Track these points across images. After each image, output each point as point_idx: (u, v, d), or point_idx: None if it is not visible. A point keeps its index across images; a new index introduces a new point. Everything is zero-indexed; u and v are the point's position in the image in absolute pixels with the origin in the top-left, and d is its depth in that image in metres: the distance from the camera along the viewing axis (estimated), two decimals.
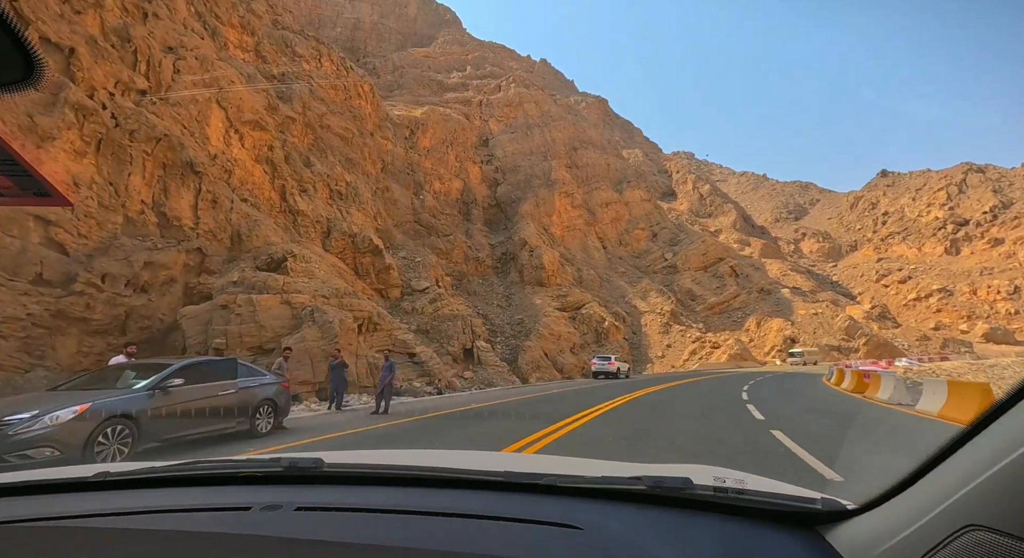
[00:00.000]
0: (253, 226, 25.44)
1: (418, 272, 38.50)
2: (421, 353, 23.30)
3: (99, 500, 1.26)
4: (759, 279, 64.13)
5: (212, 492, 1.30)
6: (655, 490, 1.12)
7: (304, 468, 1.32)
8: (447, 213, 57.23)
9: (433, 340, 31.02)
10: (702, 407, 12.63)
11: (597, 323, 47.77)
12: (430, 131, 58.96)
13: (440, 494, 1.22)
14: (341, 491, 1.26)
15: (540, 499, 1.17)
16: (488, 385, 27.91)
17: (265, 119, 30.67)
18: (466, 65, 74.09)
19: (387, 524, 1.06)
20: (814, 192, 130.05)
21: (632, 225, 68.75)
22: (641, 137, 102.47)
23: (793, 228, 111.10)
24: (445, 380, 24.04)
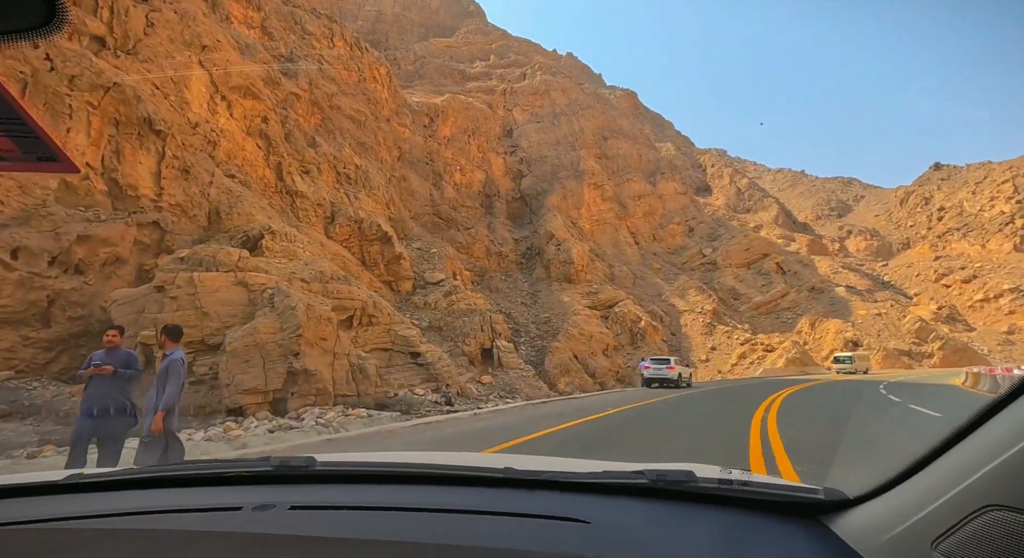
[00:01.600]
0: (235, 202, 21.41)
1: (433, 264, 34.13)
2: (427, 353, 18.76)
3: (76, 503, 1.19)
4: (809, 277, 57.66)
5: (199, 493, 1.23)
6: (657, 483, 1.09)
7: (295, 467, 1.25)
8: (468, 206, 52.95)
9: (447, 338, 26.50)
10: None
11: (632, 323, 42.53)
12: (451, 119, 54.89)
13: (438, 491, 1.16)
14: (335, 489, 1.20)
15: (542, 495, 1.12)
16: (510, 392, 23.16)
17: (258, 87, 26.79)
18: (489, 54, 69.99)
19: (387, 520, 1.01)
20: (858, 188, 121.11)
21: (667, 219, 63.15)
22: (672, 131, 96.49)
23: (837, 226, 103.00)
24: (457, 386, 19.42)
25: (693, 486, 1.08)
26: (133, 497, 1.22)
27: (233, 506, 1.05)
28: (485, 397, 21.63)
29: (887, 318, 49.74)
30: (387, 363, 17.74)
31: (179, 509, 1.08)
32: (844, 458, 5.80)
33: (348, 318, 17.21)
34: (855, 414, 10.61)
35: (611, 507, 1.06)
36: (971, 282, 77.02)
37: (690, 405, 12.75)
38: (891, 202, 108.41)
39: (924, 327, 47.74)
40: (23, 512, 1.11)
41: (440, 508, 1.04)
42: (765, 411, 10.64)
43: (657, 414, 10.66)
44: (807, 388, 19.14)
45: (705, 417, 10.53)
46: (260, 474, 1.27)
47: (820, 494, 1.02)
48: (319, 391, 11.96)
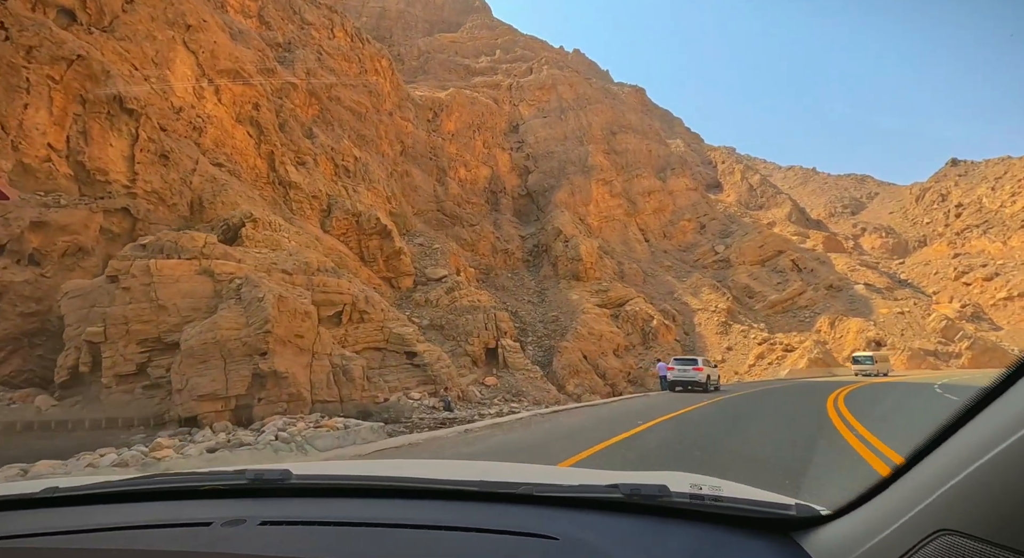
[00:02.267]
0: (220, 191, 19.75)
1: (435, 260, 32.37)
2: (425, 353, 16.96)
3: (49, 518, 1.15)
4: (826, 274, 55.30)
5: (171, 507, 1.20)
6: (632, 498, 1.08)
7: (270, 480, 1.22)
8: (473, 202, 51.21)
9: (448, 337, 24.71)
10: None
11: (644, 322, 40.52)
12: (455, 114, 53.18)
13: (413, 505, 1.15)
14: (309, 504, 1.18)
15: (516, 508, 1.11)
16: (515, 395, 21.31)
17: (249, 72, 25.17)
18: (495, 49, 68.27)
19: (357, 538, 0.99)
20: (871, 185, 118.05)
21: (677, 216, 61.03)
22: (682, 127, 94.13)
23: (850, 223, 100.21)
24: (458, 389, 17.60)
25: (666, 501, 1.06)
26: (106, 512, 1.19)
27: (203, 521, 1.03)
28: (489, 400, 19.80)
29: (910, 317, 47.34)
30: (380, 364, 15.97)
31: (150, 525, 1.05)
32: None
33: (336, 314, 15.46)
34: None
35: (582, 523, 1.04)
36: (993, 280, 74.09)
37: (736, 418, 10.19)
38: (906, 199, 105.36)
39: (951, 326, 45.29)
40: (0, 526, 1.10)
41: (412, 524, 1.02)
42: (844, 424, 8.47)
43: (704, 433, 7.97)
44: (855, 390, 16.91)
45: (772, 440, 7.45)
46: (234, 488, 1.24)
47: (792, 510, 1.00)
48: (293, 397, 10.20)
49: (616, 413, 11.40)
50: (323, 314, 14.73)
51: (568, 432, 8.52)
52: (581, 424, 9.53)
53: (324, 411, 10.93)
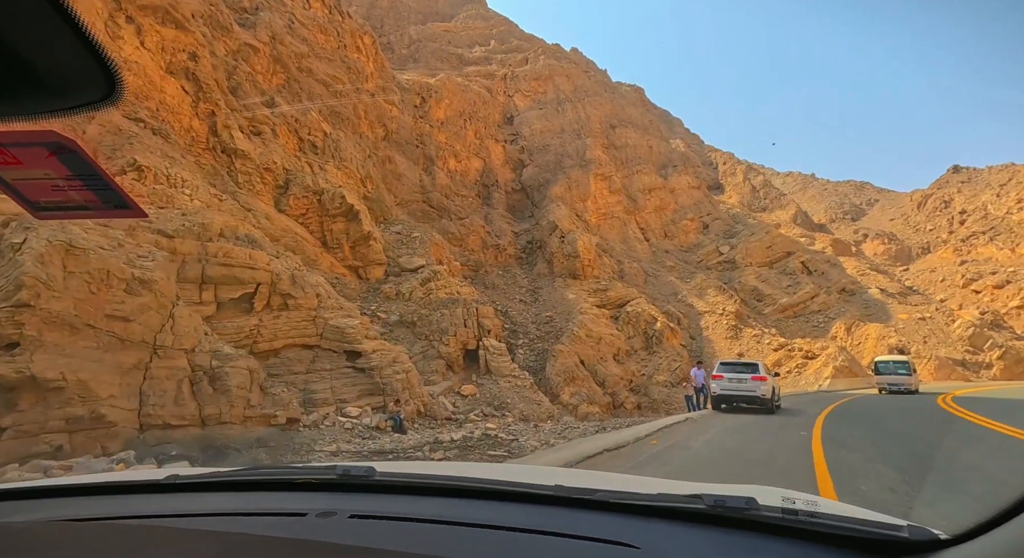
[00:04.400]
0: (122, 145, 15.16)
1: (413, 249, 27.81)
2: (374, 353, 12.37)
3: (169, 501, 1.28)
4: (838, 277, 51.07)
5: (271, 497, 1.30)
6: (715, 510, 1.00)
7: (356, 476, 1.29)
8: (463, 195, 46.75)
9: (420, 336, 20.10)
10: None
11: (647, 324, 36.01)
12: (445, 101, 48.85)
13: (490, 506, 1.16)
14: (392, 500, 1.23)
15: (592, 515, 1.08)
16: (498, 407, 16.68)
17: (183, 14, 20.66)
18: (490, 40, 64.24)
19: (438, 534, 1.01)
20: (871, 192, 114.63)
21: (679, 215, 56.78)
22: (681, 128, 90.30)
23: (852, 229, 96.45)
24: (418, 401, 12.95)
25: (754, 514, 0.98)
26: (218, 499, 1.30)
27: (299, 512, 1.09)
28: (463, 415, 15.15)
29: (933, 323, 43.10)
30: (309, 366, 11.37)
31: (255, 512, 1.14)
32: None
33: (245, 297, 10.85)
34: None
35: (664, 533, 0.99)
36: (1004, 287, 70.10)
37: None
38: (907, 206, 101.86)
39: (979, 334, 41.02)
40: (127, 508, 1.21)
41: (491, 524, 1.02)
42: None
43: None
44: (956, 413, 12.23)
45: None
46: (325, 481, 1.31)
47: (904, 531, 0.89)
48: (85, 421, 5.62)
49: (663, 458, 6.50)
50: (223, 296, 10.17)
51: None
52: None
53: (161, 442, 6.37)
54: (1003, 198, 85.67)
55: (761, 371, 13.49)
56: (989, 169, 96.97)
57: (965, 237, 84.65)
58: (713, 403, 14.02)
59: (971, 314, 50.91)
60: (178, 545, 0.93)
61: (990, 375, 37.59)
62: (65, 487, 1.39)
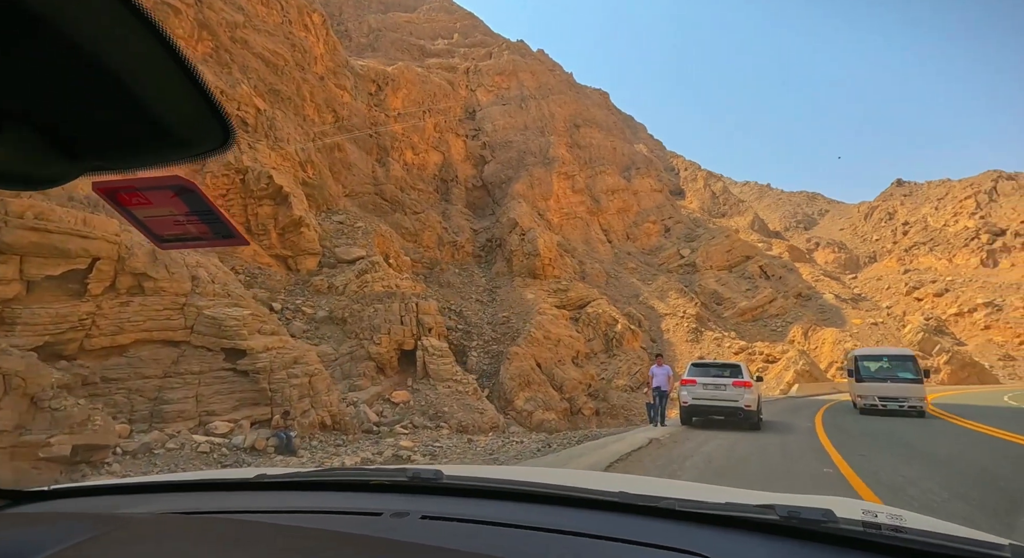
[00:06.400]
0: None
1: (354, 239, 24.96)
2: (262, 353, 9.62)
3: (260, 499, 1.35)
4: (795, 282, 51.04)
5: (348, 497, 1.35)
6: (789, 521, 0.94)
7: (426, 479, 1.33)
8: (419, 189, 44.00)
9: (351, 334, 17.35)
10: None
11: (607, 326, 34.24)
12: (403, 91, 46.06)
13: (555, 511, 1.15)
14: (460, 503, 1.25)
15: (659, 523, 1.05)
16: (433, 418, 14.15)
17: None
18: (453, 33, 61.81)
19: (506, 537, 1.02)
20: (822, 202, 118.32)
21: (642, 217, 55.75)
22: (645, 133, 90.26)
23: (804, 238, 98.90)
24: (324, 414, 10.30)
25: (832, 527, 0.90)
26: (301, 497, 1.36)
27: (375, 511, 1.15)
28: (389, 426, 12.57)
29: (885, 328, 43.30)
30: (168, 368, 8.61)
31: (335, 511, 1.20)
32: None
33: (73, 275, 7.96)
34: None
35: (734, 543, 0.94)
36: (944, 295, 72.76)
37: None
38: (855, 216, 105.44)
39: (928, 339, 41.35)
40: (224, 503, 1.30)
41: (557, 529, 1.01)
42: None
43: None
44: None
45: None
46: (397, 483, 1.36)
47: (1006, 551, 0.81)
48: None
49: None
50: (35, 272, 7.33)
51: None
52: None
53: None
54: (940, 211, 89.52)
55: (745, 375, 10.82)
56: (928, 184, 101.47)
57: (908, 247, 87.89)
58: (683, 415, 11.27)
59: (917, 320, 51.87)
60: (272, 539, 0.98)
61: (938, 379, 37.72)
62: (174, 483, 1.46)
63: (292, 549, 0.92)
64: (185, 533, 1.00)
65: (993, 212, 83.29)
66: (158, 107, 0.59)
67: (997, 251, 77.82)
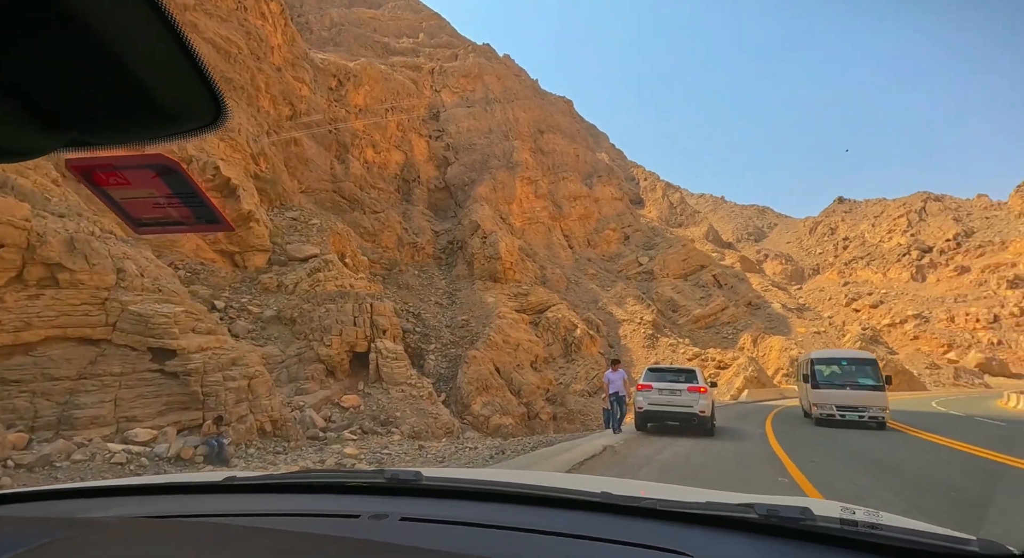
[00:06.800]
0: None
1: (307, 236, 23.95)
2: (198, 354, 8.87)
3: (230, 502, 1.31)
4: (745, 291, 53.02)
5: (324, 499, 1.31)
6: (769, 520, 0.96)
7: (405, 480, 1.30)
8: (380, 188, 42.98)
9: (299, 335, 16.49)
10: None
11: (567, 331, 34.36)
12: (365, 87, 44.96)
13: (536, 512, 1.14)
14: (440, 504, 1.22)
15: (640, 522, 1.06)
16: (384, 423, 13.58)
17: None
18: (419, 32, 61.05)
19: (487, 538, 1.02)
20: (771, 216, 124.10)
21: (603, 224, 56.59)
22: (607, 142, 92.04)
23: (755, 249, 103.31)
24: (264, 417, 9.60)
25: (810, 525, 0.93)
26: (274, 500, 1.31)
27: (352, 514, 1.12)
28: (335, 433, 11.91)
29: (827, 337, 45.53)
30: (84, 369, 7.74)
31: (310, 513, 1.16)
32: None
33: None
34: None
35: (715, 541, 0.96)
36: (878, 307, 77.63)
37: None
38: (801, 231, 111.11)
39: (865, 348, 43.71)
40: (193, 506, 1.25)
41: (538, 529, 1.01)
42: None
43: None
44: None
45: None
46: (374, 485, 1.33)
47: (974, 546, 0.85)
48: None
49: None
50: None
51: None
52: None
53: None
54: (877, 228, 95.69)
55: (700, 380, 10.78)
56: (866, 202, 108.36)
57: (847, 261, 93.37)
58: (638, 421, 11.14)
59: (855, 330, 54.92)
60: (242, 542, 0.95)
61: None
62: (141, 486, 1.42)
63: (267, 551, 0.89)
64: (153, 536, 0.95)
65: (922, 231, 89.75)
66: (147, 76, 0.55)
67: (925, 267, 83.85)
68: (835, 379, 13.59)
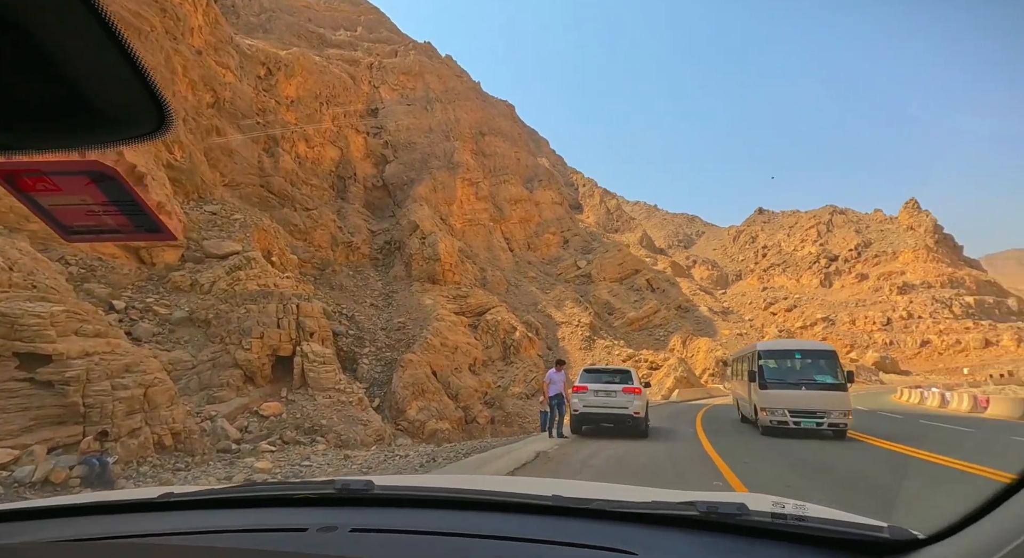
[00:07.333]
0: None
1: (228, 232, 22.14)
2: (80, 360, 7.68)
3: (165, 520, 1.24)
4: (676, 295, 55.48)
5: (270, 514, 1.25)
6: (708, 516, 1.03)
7: (356, 490, 1.27)
8: (313, 184, 40.86)
9: (215, 338, 15.05)
10: None
11: (506, 333, 34.19)
12: (298, 78, 42.67)
13: (489, 517, 1.15)
14: (392, 513, 1.21)
15: (589, 523, 1.09)
16: (308, 432, 12.64)
17: None
18: (357, 26, 58.99)
19: (440, 546, 1.02)
20: (700, 224, 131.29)
21: (543, 228, 57.18)
22: (547, 148, 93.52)
23: (685, 255, 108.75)
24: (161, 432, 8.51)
25: (745, 519, 1.00)
26: (215, 516, 1.25)
27: (300, 527, 1.08)
28: (252, 445, 10.87)
29: (748, 339, 48.46)
30: None
31: (255, 528, 1.11)
32: None
33: None
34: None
35: (660, 539, 1.02)
36: (792, 311, 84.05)
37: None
38: (726, 239, 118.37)
39: None
40: (123, 527, 1.17)
41: (490, 535, 1.02)
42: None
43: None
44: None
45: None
46: (324, 496, 1.28)
47: (885, 532, 0.94)
48: None
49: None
50: None
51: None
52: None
53: None
54: (791, 238, 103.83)
55: (634, 381, 10.56)
56: (782, 213, 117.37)
57: (766, 268, 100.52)
58: (573, 424, 10.77)
59: (773, 332, 59.01)
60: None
61: None
62: (65, 507, 1.34)
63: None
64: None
65: (829, 241, 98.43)
66: (85, 82, 0.52)
67: (832, 274, 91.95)
68: (788, 376, 11.00)
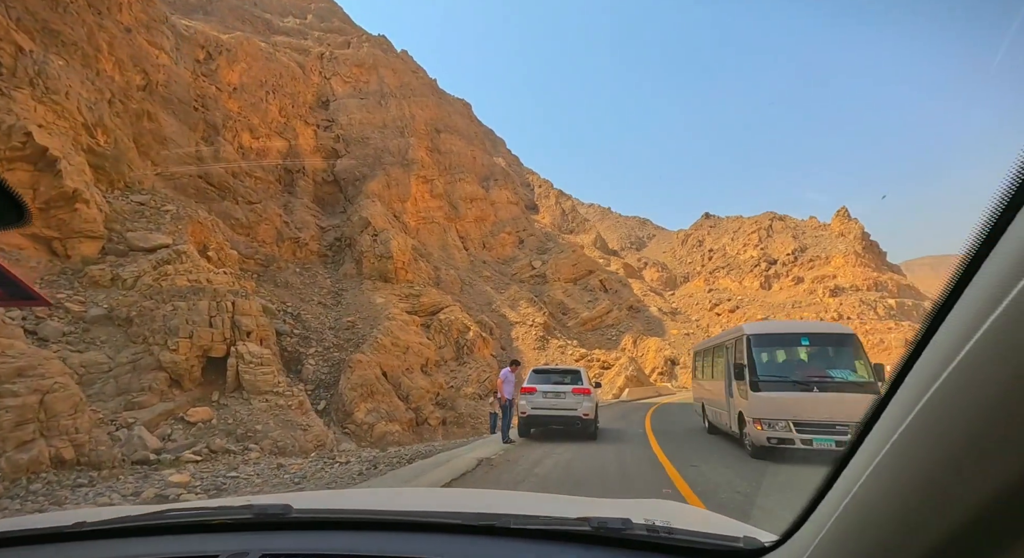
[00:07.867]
0: None
1: (157, 224, 20.46)
2: None
3: (74, 551, 1.22)
4: (627, 296, 56.68)
5: (183, 541, 1.24)
6: (599, 531, 1.10)
7: (272, 515, 1.25)
8: (258, 177, 38.74)
9: (136, 338, 13.75)
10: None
11: (460, 333, 33.67)
12: (242, 65, 40.39)
13: (402, 538, 1.18)
14: (308, 537, 1.21)
15: (495, 542, 1.15)
16: (241, 439, 11.73)
17: None
18: (307, 13, 56.66)
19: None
20: (651, 228, 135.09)
21: (498, 228, 56.94)
22: (504, 148, 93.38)
23: (636, 257, 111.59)
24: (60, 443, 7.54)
25: (629, 534, 1.09)
26: (127, 545, 1.23)
27: (210, 555, 1.08)
28: (173, 455, 9.90)
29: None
30: None
31: (166, 557, 1.12)
32: None
33: None
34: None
35: (554, 555, 1.09)
36: (736, 312, 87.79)
37: None
38: (675, 242, 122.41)
39: None
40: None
41: (402, 557, 1.05)
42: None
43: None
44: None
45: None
46: (240, 521, 1.27)
47: (740, 542, 1.02)
48: None
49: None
50: None
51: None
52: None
53: None
54: (735, 242, 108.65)
55: (584, 382, 10.36)
56: (727, 218, 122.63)
57: (712, 270, 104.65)
58: (521, 427, 10.44)
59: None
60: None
61: None
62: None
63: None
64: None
65: (769, 245, 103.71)
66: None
67: (771, 277, 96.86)
68: (792, 372, 7.91)
